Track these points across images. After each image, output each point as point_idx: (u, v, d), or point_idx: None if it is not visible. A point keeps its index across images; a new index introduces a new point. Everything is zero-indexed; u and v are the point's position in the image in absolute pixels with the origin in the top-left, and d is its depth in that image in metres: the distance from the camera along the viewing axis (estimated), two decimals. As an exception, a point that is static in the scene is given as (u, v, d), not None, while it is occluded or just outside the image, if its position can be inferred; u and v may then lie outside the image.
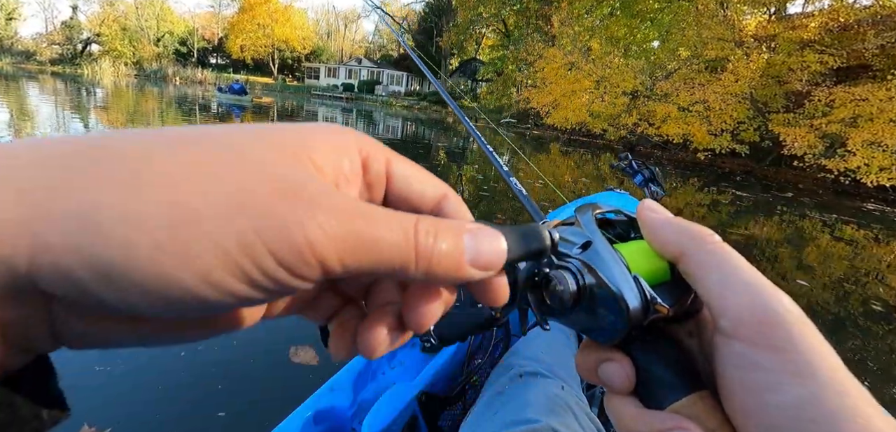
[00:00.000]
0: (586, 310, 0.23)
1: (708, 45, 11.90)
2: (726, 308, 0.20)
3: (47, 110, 9.61)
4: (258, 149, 0.14)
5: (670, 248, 0.22)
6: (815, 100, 10.11)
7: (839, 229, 5.89)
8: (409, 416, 0.83)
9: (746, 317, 0.19)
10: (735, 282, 0.20)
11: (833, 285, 3.54)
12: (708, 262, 0.21)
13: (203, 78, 33.04)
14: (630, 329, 0.22)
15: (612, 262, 0.22)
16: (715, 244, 0.21)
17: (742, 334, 0.19)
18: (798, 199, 7.99)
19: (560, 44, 16.79)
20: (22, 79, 20.10)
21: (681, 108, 12.16)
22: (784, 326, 0.18)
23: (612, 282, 0.22)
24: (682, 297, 0.23)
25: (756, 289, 0.19)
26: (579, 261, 0.23)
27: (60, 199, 0.12)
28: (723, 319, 0.20)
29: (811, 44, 10.38)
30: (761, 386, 0.18)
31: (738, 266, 0.20)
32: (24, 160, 0.12)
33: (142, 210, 0.12)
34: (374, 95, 31.26)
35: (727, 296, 0.20)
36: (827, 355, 0.18)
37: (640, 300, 0.21)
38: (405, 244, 0.15)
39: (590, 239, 0.24)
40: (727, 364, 0.20)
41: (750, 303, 0.19)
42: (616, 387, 0.22)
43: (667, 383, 0.22)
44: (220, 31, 43.32)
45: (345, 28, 51.77)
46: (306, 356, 1.83)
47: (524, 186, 1.15)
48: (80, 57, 37.06)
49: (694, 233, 0.22)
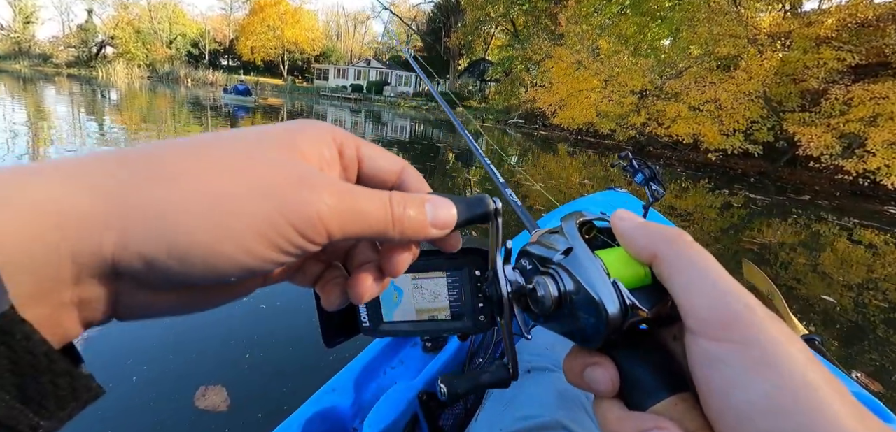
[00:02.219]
0: (568, 314, 0.24)
1: (720, 42, 11.59)
2: (692, 307, 0.20)
3: (66, 111, 9.77)
4: (264, 149, 0.19)
5: (644, 253, 0.23)
6: (832, 98, 9.73)
7: (858, 233, 5.66)
8: (411, 416, 0.83)
9: (710, 315, 0.19)
10: (701, 282, 0.20)
11: (851, 292, 3.37)
12: (677, 264, 0.21)
13: (214, 79, 33.47)
14: (609, 332, 0.22)
15: (592, 268, 0.23)
16: (685, 245, 0.22)
17: (707, 332, 0.19)
18: (815, 202, 7.70)
19: (568, 42, 16.59)
20: (39, 81, 20.57)
21: (691, 107, 11.88)
22: (746, 321, 0.19)
23: (591, 287, 0.22)
24: (662, 300, 0.23)
25: (720, 288, 0.20)
26: (560, 268, 0.24)
27: (133, 197, 0.16)
28: (689, 318, 0.20)
29: (828, 40, 10.05)
30: (728, 383, 0.18)
31: (705, 266, 0.21)
32: (95, 167, 0.16)
33: (196, 202, 0.16)
34: (382, 96, 31.33)
35: (693, 296, 0.20)
36: (791, 348, 0.18)
37: (618, 304, 0.22)
38: (384, 213, 0.20)
39: (571, 245, 0.25)
40: (696, 363, 0.20)
41: (713, 301, 0.20)
42: (601, 391, 0.23)
43: (649, 385, 0.22)
44: (231, 33, 43.85)
45: (354, 29, 52.04)
46: (215, 399, 1.61)
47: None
48: (95, 59, 37.86)
49: (665, 235, 0.22)
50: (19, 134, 6.22)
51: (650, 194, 1.34)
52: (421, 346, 1.06)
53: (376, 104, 28.14)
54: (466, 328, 0.40)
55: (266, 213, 0.17)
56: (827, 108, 9.92)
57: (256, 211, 0.17)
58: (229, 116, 12.07)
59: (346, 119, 16.60)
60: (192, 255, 0.16)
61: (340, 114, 18.81)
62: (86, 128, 7.67)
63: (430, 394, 0.86)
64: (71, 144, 5.83)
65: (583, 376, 0.24)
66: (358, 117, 17.68)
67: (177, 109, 12.99)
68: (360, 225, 0.19)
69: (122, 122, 9.13)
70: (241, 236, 0.17)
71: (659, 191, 1.34)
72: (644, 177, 1.37)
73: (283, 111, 16.04)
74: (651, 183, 1.35)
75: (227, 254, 0.17)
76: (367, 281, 0.23)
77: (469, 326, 0.38)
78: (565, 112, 15.26)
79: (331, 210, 0.18)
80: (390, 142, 10.41)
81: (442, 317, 0.38)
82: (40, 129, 6.90)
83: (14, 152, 4.91)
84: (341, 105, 25.10)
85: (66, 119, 8.63)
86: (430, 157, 8.01)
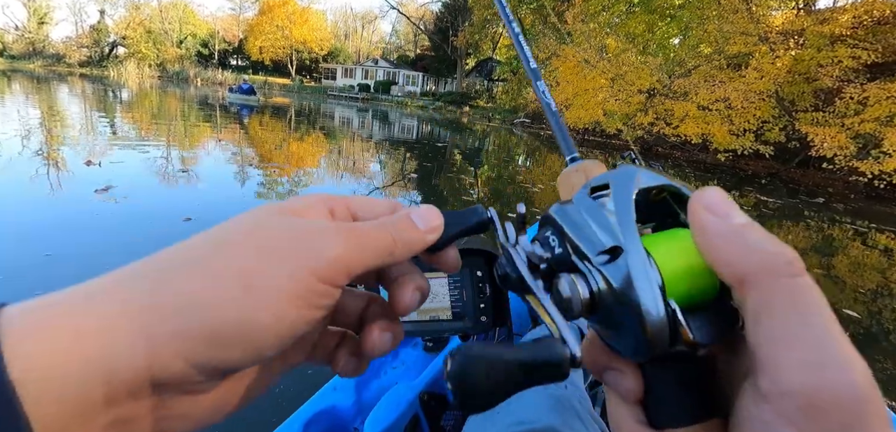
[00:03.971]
0: (602, 321, 0.20)
1: (730, 40, 11.39)
2: (775, 365, 0.15)
3: (81, 110, 9.92)
4: (273, 219, 0.20)
5: (730, 270, 0.17)
6: (847, 97, 9.49)
7: (873, 237, 5.53)
8: (412, 416, 0.83)
9: (795, 388, 0.14)
10: (799, 336, 0.15)
11: (865, 298, 3.30)
12: (773, 304, 0.15)
13: (223, 79, 33.78)
14: (646, 358, 0.18)
15: (645, 287, 0.17)
16: (791, 278, 0.16)
17: (781, 406, 0.14)
18: (830, 205, 7.51)
19: (575, 41, 16.45)
20: (53, 80, 20.92)
21: (700, 106, 11.70)
22: (836, 414, 0.13)
23: (638, 314, 0.17)
24: (724, 331, 0.18)
25: (823, 355, 0.14)
26: (600, 274, 0.19)
27: (159, 298, 0.16)
28: (764, 377, 0.15)
29: (843, 38, 9.83)
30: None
31: (810, 314, 0.15)
32: (118, 280, 0.17)
33: (224, 283, 0.17)
34: (389, 96, 31.40)
35: (780, 353, 0.15)
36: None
37: (668, 335, 0.17)
38: (386, 236, 0.22)
39: (620, 244, 0.18)
40: (749, 425, 0.16)
41: (805, 375, 0.14)
42: (620, 395, 0.20)
43: (674, 407, 0.19)
44: (240, 33, 44.24)
45: (362, 28, 52.22)
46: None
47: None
48: (107, 59, 38.42)
49: (766, 256, 0.16)
50: (33, 131, 6.33)
51: None
52: (422, 347, 1.07)
53: (383, 104, 28.20)
54: (467, 328, 0.40)
55: (290, 272, 0.18)
56: (841, 107, 9.69)
57: (280, 272, 0.18)
58: (236, 116, 12.14)
59: (353, 118, 16.64)
60: (230, 338, 0.17)
61: (347, 113, 18.87)
62: (98, 127, 7.77)
63: (432, 394, 0.86)
64: (84, 143, 5.91)
65: (603, 374, 0.21)
66: (365, 117, 17.70)
67: (186, 108, 13.13)
68: (369, 254, 0.21)
69: (132, 121, 9.24)
70: (274, 302, 0.17)
71: None
72: None
73: (290, 111, 16.12)
74: None
75: (262, 323, 0.17)
76: (373, 332, 0.24)
77: (470, 326, 0.37)
78: (571, 111, 15.12)
79: (344, 248, 0.19)
80: (397, 143, 10.43)
81: (444, 318, 0.38)
82: (54, 127, 7.02)
83: (29, 148, 4.99)
84: (348, 104, 25.18)
85: (85, 117, 8.78)
86: (438, 158, 7.99)
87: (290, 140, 8.89)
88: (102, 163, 4.72)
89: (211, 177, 4.98)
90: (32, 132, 6.35)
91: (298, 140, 9.13)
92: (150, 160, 5.25)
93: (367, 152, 8.66)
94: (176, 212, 3.48)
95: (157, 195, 3.98)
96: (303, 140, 9.26)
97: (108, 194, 3.62)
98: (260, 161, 6.29)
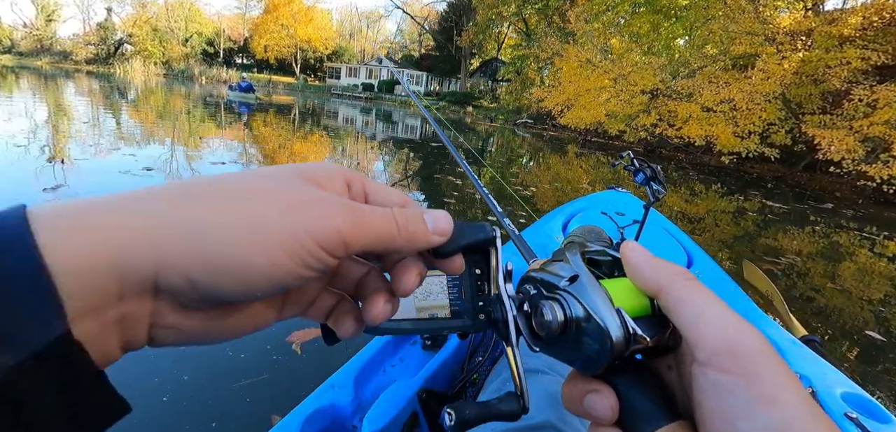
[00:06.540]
0: (572, 341, 0.25)
1: (736, 40, 11.29)
2: (702, 337, 0.21)
3: (86, 108, 9.99)
4: (288, 179, 0.22)
5: (650, 284, 0.24)
6: (856, 99, 9.40)
7: (881, 245, 5.45)
8: (410, 414, 0.84)
9: (719, 346, 0.20)
10: (708, 315, 0.21)
11: (872, 307, 3.24)
12: (683, 298, 0.22)
13: (228, 78, 33.92)
14: (613, 359, 0.23)
15: (597, 295, 0.24)
16: (689, 281, 0.23)
17: (715, 363, 0.20)
18: (839, 211, 7.38)
19: (579, 41, 16.38)
20: (60, 77, 21.08)
21: (705, 108, 11.61)
22: (753, 355, 0.20)
23: (596, 314, 0.23)
24: (661, 331, 0.24)
25: (727, 322, 0.21)
26: (567, 293, 0.25)
27: (174, 217, 0.18)
28: (698, 349, 0.21)
29: (852, 39, 9.71)
30: (733, 413, 0.19)
31: (710, 301, 0.22)
32: (140, 197, 0.19)
33: (230, 220, 0.19)
34: (393, 95, 31.46)
35: (701, 328, 0.21)
36: (794, 385, 0.19)
37: (622, 331, 0.23)
38: (391, 225, 0.23)
39: (577, 273, 0.26)
40: (702, 393, 0.21)
41: (722, 333, 0.20)
42: (600, 417, 0.24)
43: (648, 412, 0.23)
44: (245, 32, 44.45)
45: (367, 28, 52.35)
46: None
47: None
48: (113, 57, 38.69)
49: (671, 271, 0.24)
50: (40, 127, 6.37)
51: (651, 194, 1.34)
52: (420, 344, 1.07)
53: (387, 103, 28.25)
54: (466, 326, 0.39)
55: (292, 229, 0.20)
56: (849, 109, 9.59)
57: (284, 226, 0.20)
58: (235, 113, 12.16)
59: (356, 117, 16.66)
60: (226, 268, 0.18)
61: (351, 112, 18.90)
62: (104, 122, 7.80)
63: (430, 392, 0.86)
64: (91, 139, 5.93)
65: (583, 403, 0.25)
66: (368, 116, 17.72)
67: (189, 105, 13.18)
68: (372, 236, 0.22)
69: (138, 117, 9.28)
70: (271, 249, 0.19)
71: (660, 191, 1.34)
72: (645, 176, 1.37)
73: (294, 110, 16.16)
74: (652, 182, 1.35)
75: (258, 266, 0.19)
76: (379, 303, 0.25)
77: (469, 324, 0.37)
78: (573, 112, 15.06)
79: (347, 224, 0.21)
80: (401, 142, 10.42)
81: (442, 316, 0.38)
82: (60, 123, 7.05)
83: (37, 142, 5.02)
84: (352, 103, 25.24)
85: (85, 112, 8.82)
86: (441, 159, 7.98)
87: (294, 140, 8.89)
88: (68, 160, 4.52)
89: (173, 173, 4.73)
90: (40, 127, 6.38)
91: (302, 139, 9.13)
92: (120, 158, 5.06)
93: (370, 151, 8.66)
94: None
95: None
96: (306, 139, 9.26)
97: (56, 194, 3.44)
98: (246, 159, 6.29)
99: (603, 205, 2.14)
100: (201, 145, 6.67)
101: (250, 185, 0.21)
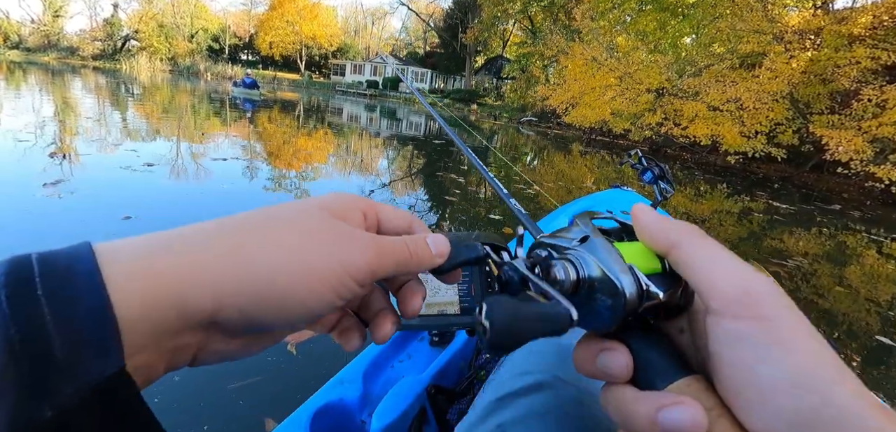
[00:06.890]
0: (585, 297, 0.25)
1: (743, 38, 11.16)
2: (715, 288, 0.22)
3: (93, 103, 10.05)
4: (321, 216, 0.24)
5: (661, 242, 0.25)
6: (865, 99, 9.26)
7: (888, 246, 5.38)
8: (419, 409, 0.85)
9: (733, 294, 0.21)
10: (721, 265, 0.22)
11: (880, 310, 3.20)
12: (696, 252, 0.23)
13: (233, 74, 34.03)
14: (626, 315, 0.23)
15: (609, 253, 0.24)
16: (701, 236, 0.24)
17: (731, 311, 0.21)
18: (846, 212, 7.27)
19: (584, 39, 16.27)
20: (66, 73, 21.22)
21: (711, 107, 11.49)
22: (769, 300, 0.20)
23: (609, 270, 0.23)
24: (673, 287, 0.25)
25: (740, 270, 0.22)
26: (578, 253, 0.25)
27: (230, 260, 0.20)
28: (712, 299, 0.21)
29: (861, 39, 9.57)
30: (751, 358, 0.20)
31: (722, 252, 0.23)
32: (198, 237, 0.21)
33: (281, 262, 0.21)
34: (398, 92, 31.44)
35: (715, 278, 0.22)
36: (806, 327, 0.20)
37: (635, 286, 0.23)
38: (405, 252, 0.26)
39: (588, 234, 0.26)
40: (718, 343, 0.21)
41: (735, 282, 0.21)
42: (614, 375, 0.24)
43: (663, 367, 0.23)
44: (250, 28, 44.53)
45: (372, 25, 52.29)
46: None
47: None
48: (120, 53, 38.88)
49: (682, 227, 0.25)
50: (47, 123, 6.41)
51: (658, 192, 1.33)
52: (428, 341, 1.07)
53: (392, 100, 28.21)
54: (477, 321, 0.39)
55: (332, 267, 0.22)
56: (858, 109, 9.46)
57: (327, 265, 0.22)
58: (238, 109, 12.17)
59: (361, 114, 16.67)
60: (277, 304, 0.21)
61: (356, 109, 18.90)
62: (108, 117, 7.85)
63: (439, 388, 0.87)
64: (94, 134, 5.97)
65: (596, 362, 0.25)
66: (373, 113, 17.71)
67: (194, 101, 13.23)
68: (392, 265, 0.25)
69: (144, 113, 9.32)
70: (315, 285, 0.22)
71: (667, 190, 1.32)
72: (653, 174, 1.35)
73: (298, 107, 16.18)
74: (660, 181, 1.34)
75: (299, 298, 0.21)
76: (386, 325, 0.29)
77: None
78: (578, 110, 14.95)
79: (375, 258, 0.24)
80: (405, 139, 10.41)
81: (451, 312, 0.39)
82: (67, 118, 7.10)
83: (45, 137, 5.06)
84: (357, 100, 25.24)
85: (90, 108, 8.87)
86: (445, 157, 7.96)
87: (298, 137, 8.91)
88: (68, 156, 4.48)
89: (174, 172, 4.72)
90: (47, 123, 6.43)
91: (306, 136, 9.15)
92: (122, 154, 5.06)
93: (374, 149, 8.66)
94: (120, 211, 3.17)
95: (108, 192, 3.64)
96: (311, 136, 9.28)
97: (54, 189, 3.44)
98: (249, 155, 6.30)
99: (608, 203, 2.13)
100: (205, 141, 6.66)
101: (291, 221, 0.23)
